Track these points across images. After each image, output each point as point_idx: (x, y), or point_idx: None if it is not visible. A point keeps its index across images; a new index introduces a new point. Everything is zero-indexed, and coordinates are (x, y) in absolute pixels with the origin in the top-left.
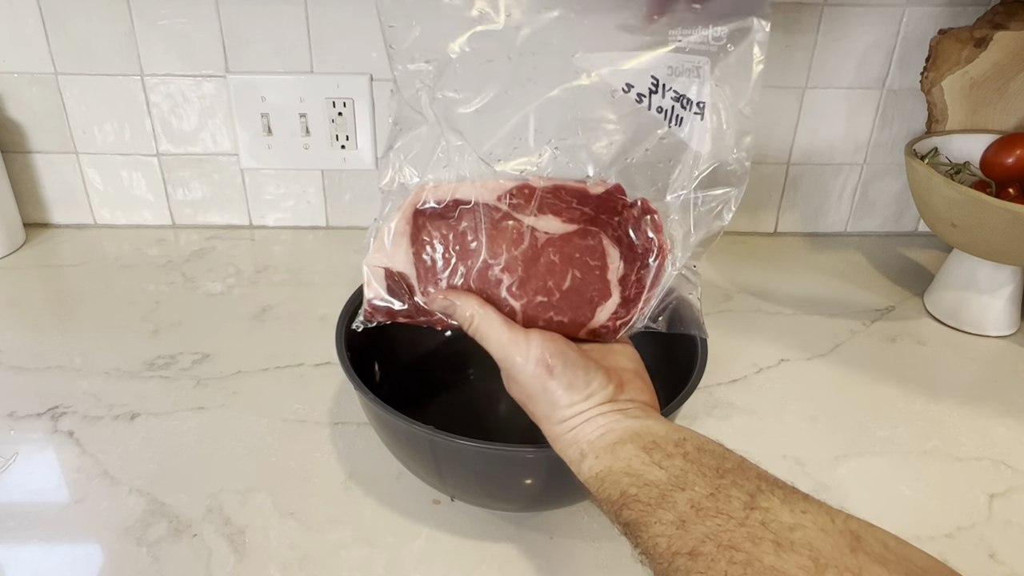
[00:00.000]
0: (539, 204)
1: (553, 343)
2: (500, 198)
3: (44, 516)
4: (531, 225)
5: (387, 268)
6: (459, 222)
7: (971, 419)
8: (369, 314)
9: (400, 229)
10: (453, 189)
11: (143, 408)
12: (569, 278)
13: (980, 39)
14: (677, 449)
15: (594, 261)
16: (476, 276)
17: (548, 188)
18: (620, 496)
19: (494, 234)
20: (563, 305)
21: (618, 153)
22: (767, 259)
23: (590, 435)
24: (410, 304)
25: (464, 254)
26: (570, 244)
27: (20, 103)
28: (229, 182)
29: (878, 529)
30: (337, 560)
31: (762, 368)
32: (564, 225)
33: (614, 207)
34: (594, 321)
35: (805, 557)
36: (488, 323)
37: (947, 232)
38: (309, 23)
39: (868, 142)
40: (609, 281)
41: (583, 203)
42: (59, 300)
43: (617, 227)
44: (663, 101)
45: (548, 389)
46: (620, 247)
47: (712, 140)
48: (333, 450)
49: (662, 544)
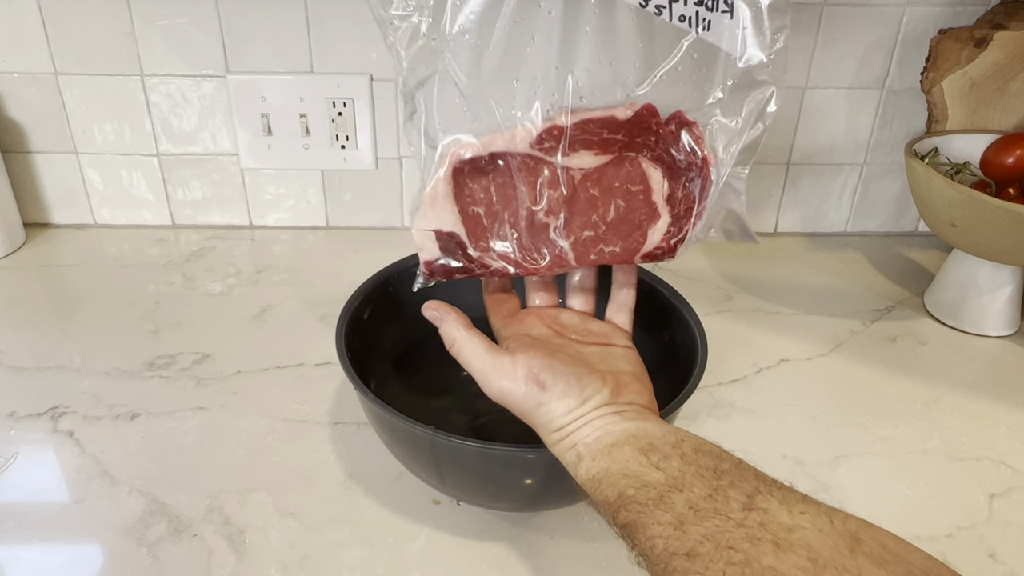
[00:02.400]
0: (569, 142)
1: (540, 359)
2: (532, 144)
3: (44, 516)
4: (564, 165)
5: (437, 230)
6: (497, 175)
7: (971, 419)
8: (428, 275)
9: (442, 191)
10: (486, 143)
11: (143, 408)
12: (613, 208)
13: (980, 39)
14: (674, 450)
15: (636, 186)
16: (523, 224)
17: (576, 124)
18: (617, 498)
19: (531, 181)
20: (612, 236)
21: (645, 72)
22: (767, 259)
23: (587, 438)
24: (464, 259)
25: (506, 204)
26: (607, 175)
27: (20, 103)
28: (229, 182)
29: (877, 529)
30: (337, 560)
31: (762, 368)
32: (597, 158)
33: (648, 127)
34: (647, 244)
35: (803, 558)
36: (470, 349)
37: (947, 232)
38: (309, 23)
39: (868, 142)
40: (655, 203)
41: (614, 131)
42: (59, 300)
43: (655, 147)
44: (685, 8)
45: (542, 403)
46: (662, 166)
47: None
48: (333, 450)
49: (659, 545)
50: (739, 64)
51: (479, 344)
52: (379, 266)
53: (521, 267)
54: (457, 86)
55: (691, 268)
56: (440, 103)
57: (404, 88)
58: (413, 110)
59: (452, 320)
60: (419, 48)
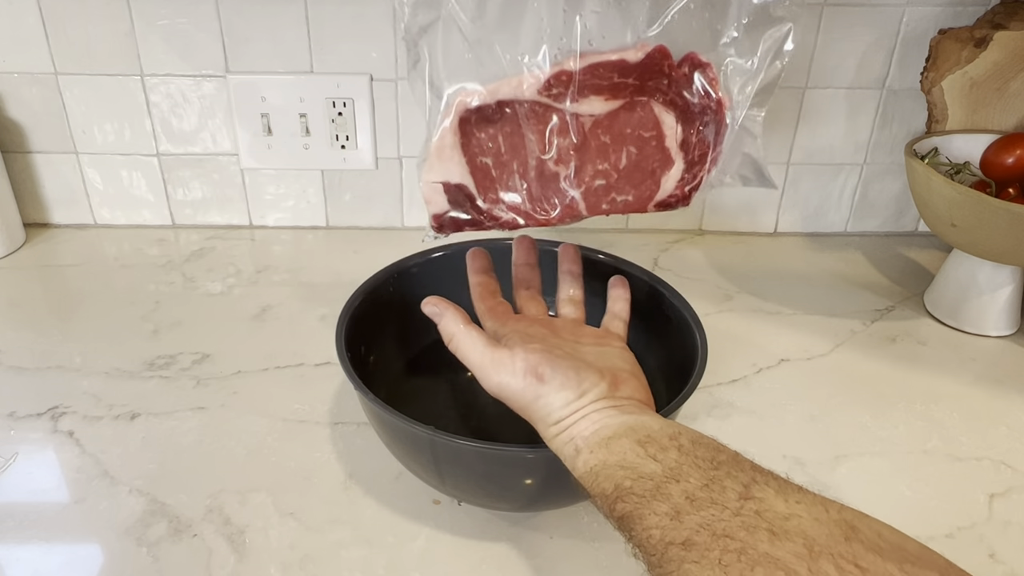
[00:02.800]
0: (578, 88)
1: (538, 353)
2: (540, 91)
3: (44, 516)
4: (574, 112)
5: (444, 182)
6: (505, 124)
7: (971, 419)
8: (436, 228)
9: (449, 141)
10: (493, 91)
11: (143, 408)
12: (624, 155)
13: (980, 39)
14: (672, 442)
15: (648, 132)
16: (532, 174)
17: (585, 68)
18: (614, 489)
19: (540, 129)
20: (623, 184)
21: (656, 12)
22: (767, 259)
23: (585, 431)
24: (473, 212)
25: (515, 154)
26: (618, 120)
27: (20, 103)
28: (229, 182)
29: (873, 519)
30: (337, 560)
31: (762, 368)
32: (608, 103)
33: (660, 70)
34: (661, 192)
35: (799, 545)
36: (468, 343)
37: (947, 232)
38: (309, 23)
39: (868, 142)
40: (668, 148)
41: (624, 74)
42: (59, 300)
43: (668, 90)
44: None
45: (541, 395)
46: (675, 110)
47: None
48: (333, 450)
49: (656, 535)
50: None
51: (478, 338)
52: (379, 266)
53: (532, 218)
54: (461, 31)
55: (691, 268)
56: (445, 50)
57: (406, 35)
58: (417, 58)
59: (451, 315)
60: None
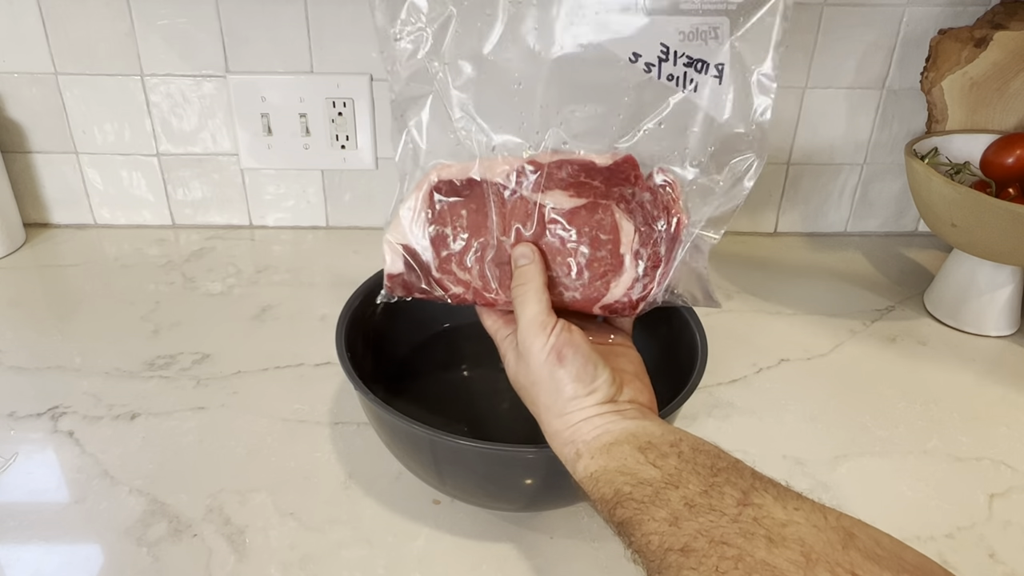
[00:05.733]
0: (547, 180)
1: (570, 333)
2: (509, 176)
3: (44, 516)
4: (538, 202)
5: (405, 244)
6: (472, 201)
7: (971, 419)
8: (389, 288)
9: (418, 208)
10: (465, 168)
11: (143, 408)
12: (579, 253)
13: (980, 39)
14: (672, 449)
15: (605, 235)
16: (489, 254)
17: (555, 163)
18: (614, 495)
19: (504, 212)
20: (573, 282)
21: (629, 124)
22: (767, 259)
23: (586, 435)
24: (426, 279)
25: (477, 233)
26: (579, 218)
27: (20, 103)
28: (229, 182)
29: (871, 527)
30: (337, 560)
31: (762, 368)
32: (572, 200)
33: (627, 178)
34: (608, 296)
35: (796, 552)
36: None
37: (947, 232)
38: (309, 23)
39: (868, 142)
40: (623, 255)
41: (592, 176)
42: (59, 300)
43: (631, 199)
44: (674, 69)
45: (555, 377)
46: (634, 219)
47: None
48: (333, 450)
49: (655, 541)
50: (723, 130)
51: (543, 298)
52: (379, 266)
53: (480, 296)
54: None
55: None
56: (429, 123)
57: (396, 101)
58: (403, 125)
59: (539, 266)
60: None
